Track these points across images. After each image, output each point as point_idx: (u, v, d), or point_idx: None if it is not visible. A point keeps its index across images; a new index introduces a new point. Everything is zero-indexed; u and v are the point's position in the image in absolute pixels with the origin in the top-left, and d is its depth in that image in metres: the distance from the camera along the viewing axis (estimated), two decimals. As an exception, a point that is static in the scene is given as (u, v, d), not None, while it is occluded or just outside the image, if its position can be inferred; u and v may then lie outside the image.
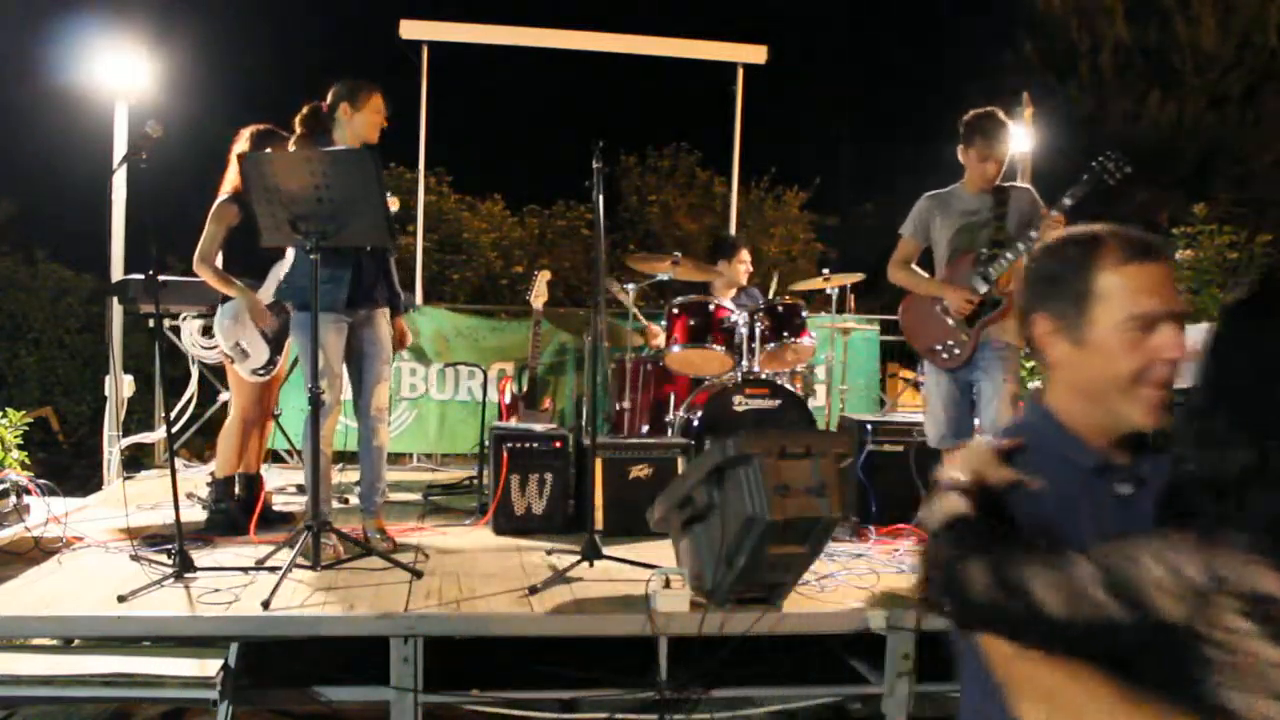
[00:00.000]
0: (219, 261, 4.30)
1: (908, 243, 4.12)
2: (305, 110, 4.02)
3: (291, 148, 3.97)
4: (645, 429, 5.24)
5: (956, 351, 3.96)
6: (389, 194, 4.55)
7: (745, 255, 5.80)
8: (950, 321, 3.97)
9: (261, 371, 4.30)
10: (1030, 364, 5.62)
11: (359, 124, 3.88)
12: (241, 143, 4.32)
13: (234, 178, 4.29)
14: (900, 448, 4.76)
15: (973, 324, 3.91)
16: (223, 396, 5.70)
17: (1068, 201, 3.70)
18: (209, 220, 4.25)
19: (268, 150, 4.12)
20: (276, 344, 4.31)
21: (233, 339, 4.23)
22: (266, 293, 4.30)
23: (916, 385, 8.50)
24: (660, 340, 5.65)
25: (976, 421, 4.04)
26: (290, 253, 4.24)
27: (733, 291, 5.69)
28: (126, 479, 5.61)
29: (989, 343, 3.91)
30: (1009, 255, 3.82)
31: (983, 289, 3.87)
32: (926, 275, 4.11)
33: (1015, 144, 4.00)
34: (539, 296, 5.61)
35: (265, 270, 4.30)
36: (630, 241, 13.12)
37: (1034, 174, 5.95)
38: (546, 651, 3.19)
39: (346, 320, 3.90)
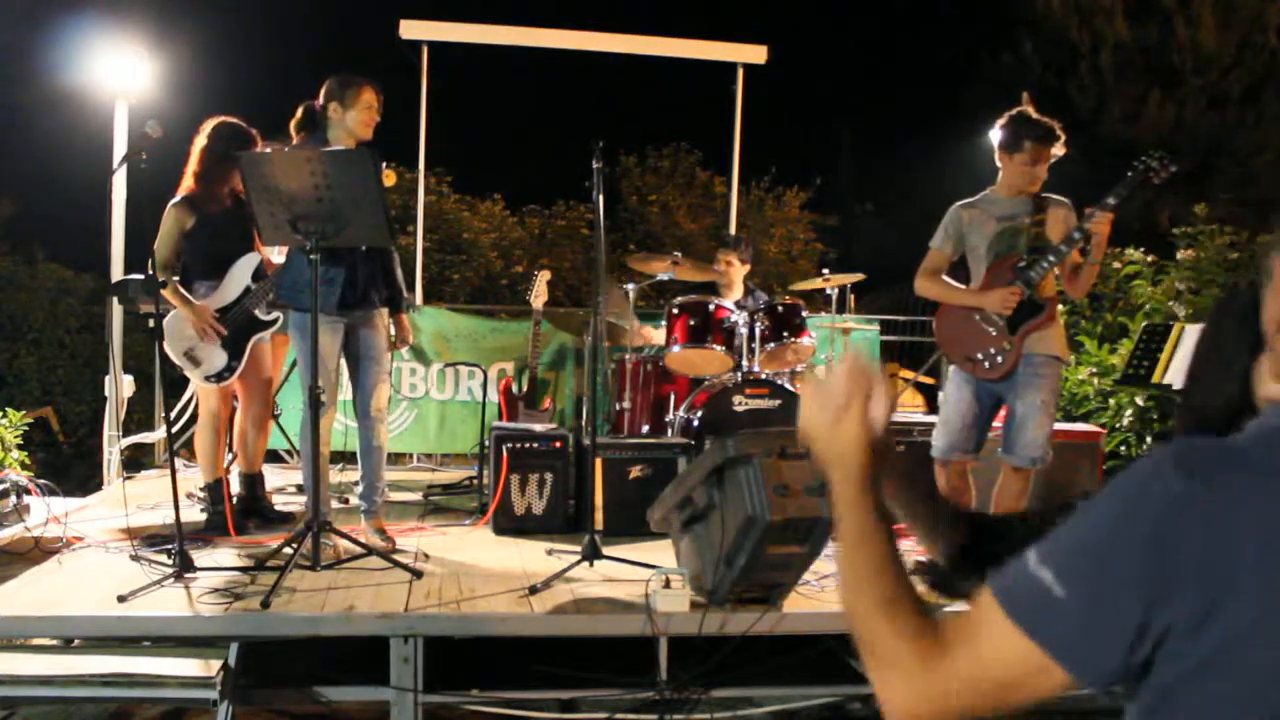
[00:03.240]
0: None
1: (937, 254, 3.96)
2: (299, 113, 4.00)
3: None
4: (645, 429, 5.24)
5: (999, 360, 3.77)
6: (385, 164, 4.52)
7: (725, 256, 5.66)
8: (991, 330, 3.79)
9: (215, 378, 4.16)
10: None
11: (350, 121, 3.86)
12: (203, 138, 4.17)
13: (189, 179, 4.16)
14: (900, 448, 4.76)
15: (1015, 331, 3.75)
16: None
17: (1112, 200, 3.61)
18: (163, 223, 4.11)
19: (252, 149, 4.07)
20: (235, 349, 4.17)
21: (182, 348, 4.11)
22: (224, 295, 4.19)
23: (917, 385, 8.52)
24: (655, 339, 5.65)
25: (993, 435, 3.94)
26: (257, 250, 4.20)
27: (737, 293, 5.68)
28: (126, 479, 5.60)
29: (1032, 355, 3.74)
30: (1050, 258, 3.69)
31: (1024, 293, 3.74)
32: (960, 285, 3.95)
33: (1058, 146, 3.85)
34: (539, 296, 5.61)
35: (223, 272, 4.19)
36: (630, 241, 13.12)
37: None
38: (546, 651, 3.19)
39: (341, 321, 3.89)
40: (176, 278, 4.11)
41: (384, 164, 4.14)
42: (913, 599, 1.01)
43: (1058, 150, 3.80)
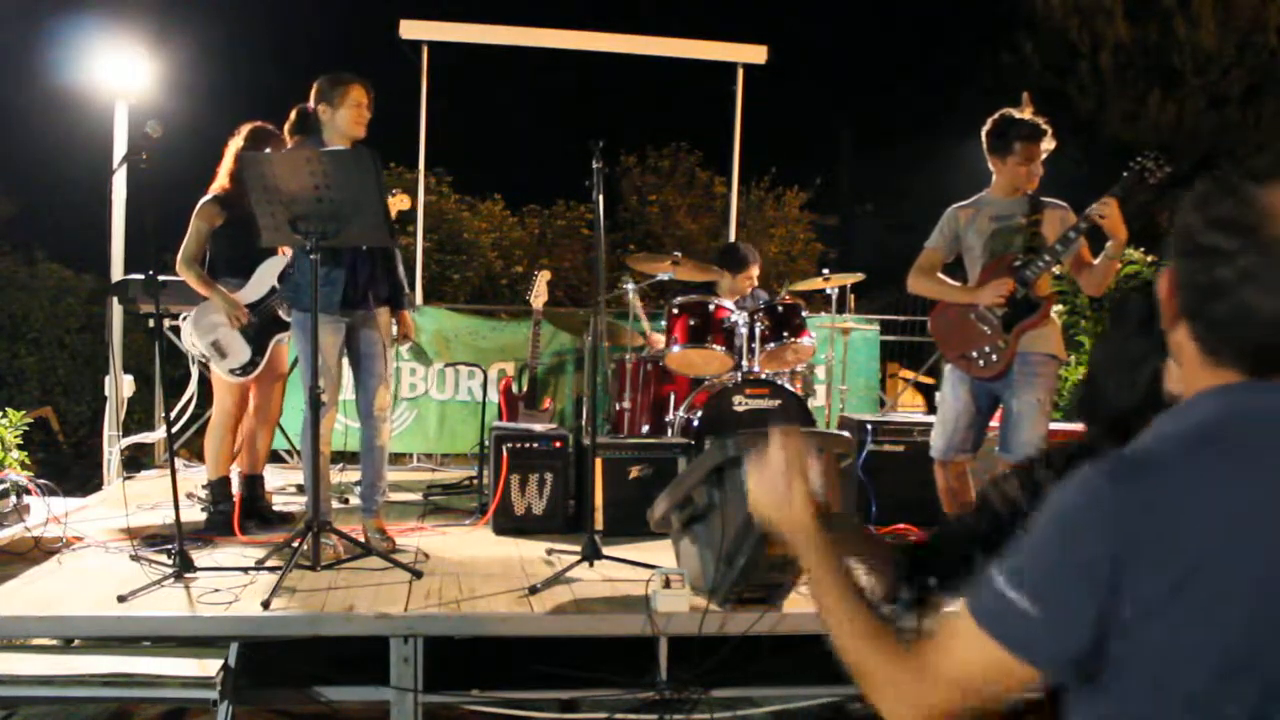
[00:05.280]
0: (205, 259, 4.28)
1: (932, 253, 3.97)
2: (293, 116, 4.01)
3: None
4: (645, 429, 5.23)
5: (994, 358, 3.78)
6: (401, 192, 4.56)
7: (754, 272, 5.71)
8: (985, 328, 3.80)
9: (239, 372, 4.24)
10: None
11: (341, 121, 3.84)
12: (239, 139, 4.29)
13: (223, 178, 4.26)
14: (900, 448, 4.77)
15: (1009, 329, 3.76)
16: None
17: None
18: (193, 219, 4.22)
19: (267, 150, 4.11)
20: (258, 345, 4.25)
21: (209, 338, 4.19)
22: (251, 293, 4.26)
23: (917, 385, 8.52)
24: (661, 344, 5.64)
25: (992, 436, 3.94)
26: (281, 253, 4.23)
27: (736, 295, 5.67)
28: (126, 479, 5.60)
29: (1028, 354, 3.74)
30: (1046, 258, 3.69)
31: (1019, 292, 3.74)
32: (954, 283, 3.96)
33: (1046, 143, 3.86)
34: (539, 296, 5.61)
35: (251, 270, 4.27)
36: (630, 241, 13.12)
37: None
38: (546, 651, 3.19)
39: (343, 321, 3.89)
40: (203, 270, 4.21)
41: (393, 190, 4.18)
42: (888, 627, 1.23)
43: (1048, 145, 3.81)
